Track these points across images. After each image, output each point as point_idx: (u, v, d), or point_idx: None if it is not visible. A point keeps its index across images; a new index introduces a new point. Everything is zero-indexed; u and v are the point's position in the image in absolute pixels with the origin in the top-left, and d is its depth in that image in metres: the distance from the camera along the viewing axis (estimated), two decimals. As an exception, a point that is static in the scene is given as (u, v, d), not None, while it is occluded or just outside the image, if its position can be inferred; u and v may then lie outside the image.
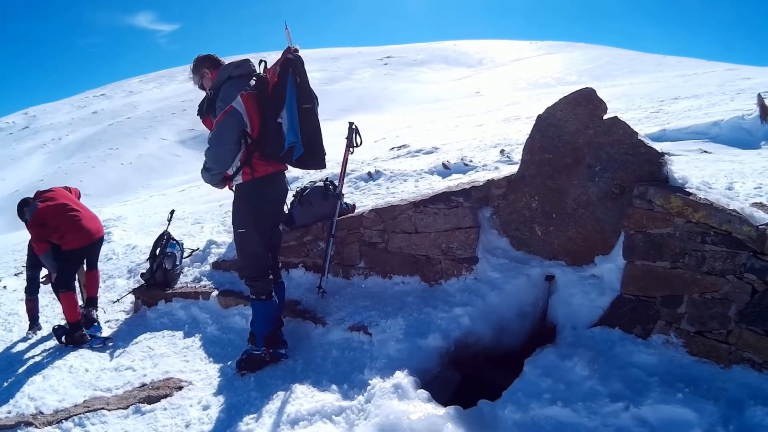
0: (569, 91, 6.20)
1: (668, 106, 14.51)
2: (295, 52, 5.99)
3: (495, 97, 45.56)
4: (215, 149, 5.84)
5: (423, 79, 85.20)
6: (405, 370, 5.26)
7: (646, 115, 12.60)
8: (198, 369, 6.80)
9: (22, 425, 6.12)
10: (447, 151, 11.96)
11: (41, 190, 9.06)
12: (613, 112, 5.84)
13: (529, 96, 35.54)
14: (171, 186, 43.05)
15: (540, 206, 6.27)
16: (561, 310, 6.03)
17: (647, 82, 29.87)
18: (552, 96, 27.34)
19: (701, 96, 17.39)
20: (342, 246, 7.71)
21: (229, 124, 5.80)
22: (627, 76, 52.29)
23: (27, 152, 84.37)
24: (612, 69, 64.36)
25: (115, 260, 12.38)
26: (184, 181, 45.16)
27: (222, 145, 5.83)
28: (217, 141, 5.81)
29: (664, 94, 19.46)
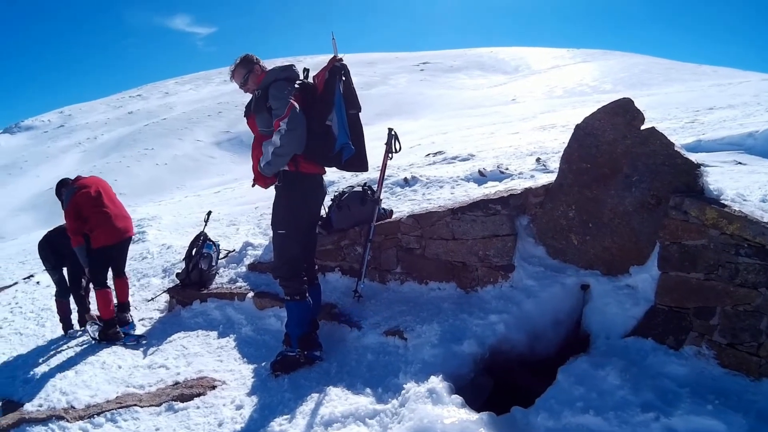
0: (605, 99, 6.19)
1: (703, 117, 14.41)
2: (340, 60, 6.15)
3: (531, 105, 45.30)
4: (296, 131, 5.95)
5: (459, 85, 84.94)
6: (440, 375, 5.26)
7: (682, 125, 12.52)
8: (232, 369, 6.84)
9: (53, 419, 6.17)
10: (483, 159, 11.93)
11: (81, 176, 9.17)
12: (649, 122, 5.83)
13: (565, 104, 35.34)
14: (206, 187, 43.22)
15: (577, 215, 6.25)
16: (595, 319, 5.99)
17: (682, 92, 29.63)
18: (587, 104, 27.19)
19: (736, 106, 17.24)
20: (379, 251, 7.72)
21: (297, 112, 5.96)
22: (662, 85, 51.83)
23: (62, 150, 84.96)
24: (647, 78, 63.80)
25: (149, 259, 12.46)
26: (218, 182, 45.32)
27: (298, 127, 5.95)
28: (294, 124, 5.92)
29: (700, 103, 19.32)
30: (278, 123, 5.96)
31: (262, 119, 6.29)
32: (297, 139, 5.97)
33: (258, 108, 6.30)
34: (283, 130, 5.90)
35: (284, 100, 5.98)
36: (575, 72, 77.47)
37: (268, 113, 6.18)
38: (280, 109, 5.99)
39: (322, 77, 6.22)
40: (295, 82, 6.26)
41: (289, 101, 5.95)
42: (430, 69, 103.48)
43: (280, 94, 6.05)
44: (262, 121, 6.30)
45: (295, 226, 6.36)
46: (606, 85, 62.63)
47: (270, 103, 6.12)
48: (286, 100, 5.97)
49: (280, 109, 5.99)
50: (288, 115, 5.90)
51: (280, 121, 5.94)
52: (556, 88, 65.55)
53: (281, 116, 5.94)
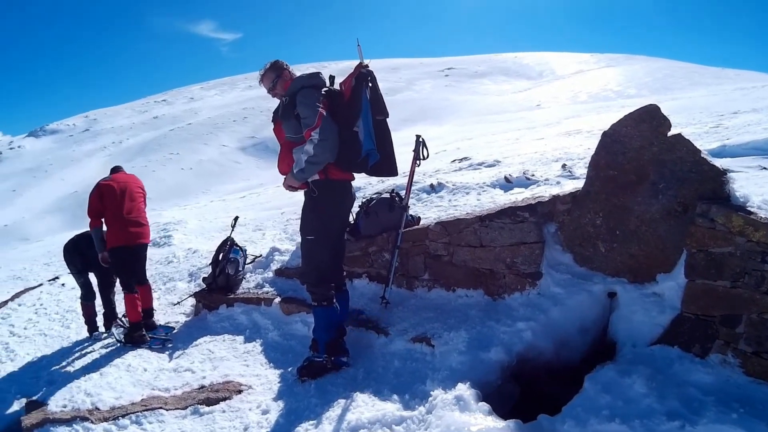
0: (629, 104, 6.17)
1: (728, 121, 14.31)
2: (366, 67, 6.16)
3: (555, 110, 45.20)
4: (329, 140, 6.01)
5: (483, 91, 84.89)
6: (467, 383, 5.25)
7: (706, 130, 12.44)
8: (258, 373, 6.84)
9: (77, 419, 6.23)
10: (509, 165, 11.91)
11: (121, 169, 9.42)
12: (673, 127, 5.82)
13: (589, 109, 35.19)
14: (231, 192, 43.37)
15: (604, 223, 6.22)
16: (621, 327, 5.96)
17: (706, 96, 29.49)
18: (612, 109, 27.10)
19: (761, 110, 17.11)
20: (407, 257, 7.71)
21: (329, 121, 6.03)
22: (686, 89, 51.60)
23: (87, 154, 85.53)
24: (671, 82, 63.58)
25: (175, 263, 12.52)
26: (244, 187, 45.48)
27: (330, 137, 6.01)
28: (326, 134, 5.98)
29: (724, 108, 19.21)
30: (309, 132, 6.00)
31: (289, 126, 6.34)
32: (330, 148, 6.02)
33: (285, 115, 6.35)
34: (316, 140, 5.94)
35: (313, 109, 6.02)
36: (599, 77, 77.30)
37: (295, 120, 6.22)
38: (309, 118, 6.03)
39: (349, 84, 6.24)
40: (322, 89, 6.28)
41: (318, 110, 5.98)
42: (454, 74, 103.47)
43: (308, 102, 6.09)
44: (289, 127, 6.35)
45: (323, 232, 6.39)
46: (630, 89, 62.44)
47: (298, 111, 6.16)
48: (315, 108, 6.00)
49: (309, 118, 6.03)
50: (319, 125, 5.93)
51: (311, 131, 5.98)
52: (580, 93, 65.43)
53: (312, 126, 5.98)
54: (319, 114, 5.96)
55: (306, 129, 6.07)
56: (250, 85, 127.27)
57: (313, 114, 5.99)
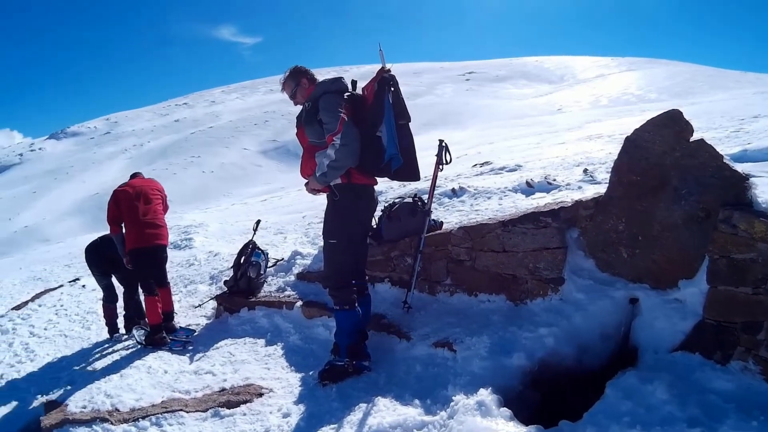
0: (649, 108, 6.15)
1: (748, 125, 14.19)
2: (388, 72, 6.18)
3: (576, 114, 45.11)
4: (350, 146, 6.03)
5: (505, 95, 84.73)
6: (489, 388, 5.23)
7: (727, 134, 12.35)
8: (279, 377, 6.84)
9: (97, 420, 6.27)
10: (530, 169, 11.88)
11: (139, 175, 9.53)
12: (694, 132, 5.79)
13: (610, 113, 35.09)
14: (252, 195, 43.44)
15: (626, 228, 6.18)
16: (643, 334, 5.94)
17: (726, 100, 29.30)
18: (633, 113, 27.00)
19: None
20: (429, 262, 7.67)
21: (351, 127, 6.07)
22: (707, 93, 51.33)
23: (108, 157, 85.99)
24: (691, 86, 63.26)
25: (197, 266, 12.57)
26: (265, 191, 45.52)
27: (351, 142, 6.03)
28: (347, 139, 6.01)
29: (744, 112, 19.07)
30: (331, 138, 6.03)
31: (312, 131, 6.36)
32: (351, 153, 6.04)
33: (308, 120, 6.38)
34: (338, 145, 5.97)
35: (335, 114, 6.05)
36: (620, 81, 77.07)
37: (318, 125, 6.24)
38: (331, 124, 6.05)
39: (371, 88, 6.26)
40: (345, 94, 6.33)
41: (340, 115, 6.02)
42: (475, 79, 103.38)
43: (330, 107, 6.12)
44: (312, 132, 6.37)
45: (346, 236, 6.40)
46: (651, 93, 62.24)
47: (320, 116, 6.18)
48: (337, 114, 6.04)
49: (331, 124, 6.05)
50: (341, 131, 5.97)
51: (333, 137, 6.01)
52: (601, 98, 65.27)
53: (334, 131, 6.01)
54: (341, 119, 6.00)
55: (328, 134, 6.08)
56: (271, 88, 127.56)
57: (335, 119, 6.02)
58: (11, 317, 12.01)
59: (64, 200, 63.95)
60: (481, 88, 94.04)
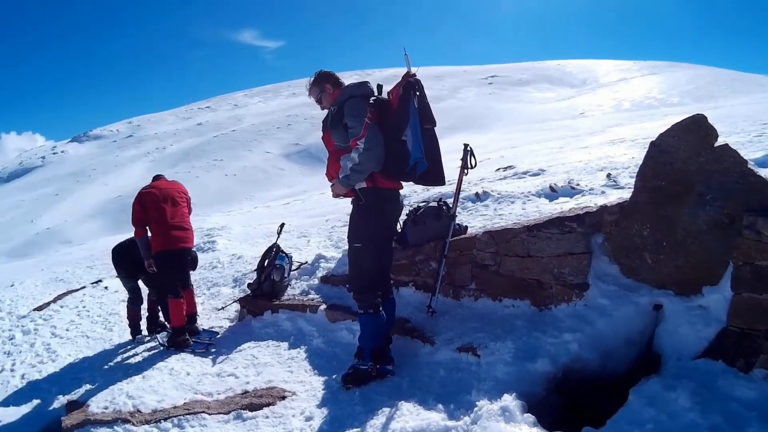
0: (671, 112, 6.13)
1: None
2: (413, 76, 6.18)
3: (599, 118, 44.99)
4: (373, 150, 6.04)
5: (527, 99, 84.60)
6: (513, 394, 5.20)
7: (750, 139, 12.24)
8: (302, 380, 6.82)
9: (119, 421, 6.28)
10: (553, 174, 11.85)
11: (162, 176, 9.58)
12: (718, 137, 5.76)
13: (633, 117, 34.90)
14: (275, 198, 43.60)
15: (651, 234, 6.15)
16: (667, 340, 5.90)
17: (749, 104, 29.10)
18: (655, 118, 26.88)
19: (805, 118, 16.93)
20: (453, 267, 7.65)
21: (376, 131, 6.07)
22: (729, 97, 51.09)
23: (130, 160, 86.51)
24: (714, 90, 63.03)
25: (220, 269, 12.63)
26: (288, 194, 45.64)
27: (375, 146, 6.04)
28: (371, 143, 6.02)
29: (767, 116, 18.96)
30: (355, 142, 6.04)
31: (338, 135, 6.38)
32: (375, 157, 6.05)
33: (334, 124, 6.40)
34: (362, 149, 5.99)
35: (360, 119, 6.06)
36: (642, 84, 76.85)
37: (344, 129, 6.26)
38: (356, 128, 6.08)
39: (397, 93, 6.26)
40: (370, 98, 6.33)
41: (365, 120, 6.03)
42: (498, 82, 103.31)
43: (356, 111, 6.14)
44: (337, 136, 6.39)
45: (370, 239, 6.39)
46: (673, 97, 62.04)
47: (346, 121, 6.21)
48: (362, 118, 6.05)
49: (356, 128, 6.08)
50: (365, 135, 5.98)
51: (357, 141, 6.03)
52: (623, 102, 65.13)
53: (358, 135, 6.03)
54: (366, 123, 6.01)
55: (353, 138, 6.10)
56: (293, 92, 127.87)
57: (360, 124, 6.04)
58: (33, 318, 12.14)
59: (86, 203, 64.35)
60: (503, 91, 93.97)
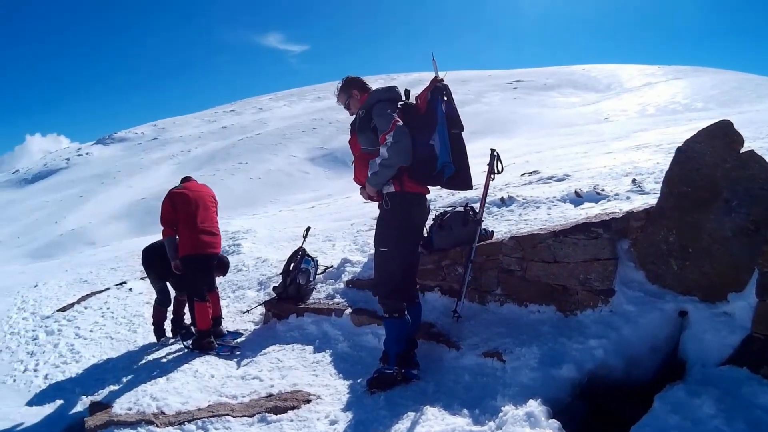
0: (696, 118, 6.12)
1: (798, 135, 14.03)
2: (441, 81, 6.24)
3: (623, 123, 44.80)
4: (401, 143, 6.06)
5: (552, 103, 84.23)
6: (538, 399, 5.21)
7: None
8: (327, 384, 6.84)
9: (142, 423, 6.32)
10: (578, 179, 11.81)
11: (192, 179, 9.56)
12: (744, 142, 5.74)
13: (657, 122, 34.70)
14: (299, 202, 43.59)
15: (677, 240, 6.15)
16: (691, 347, 5.88)
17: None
18: (680, 123, 26.75)
19: (831, 123, 16.83)
20: (479, 272, 7.64)
21: (403, 128, 6.10)
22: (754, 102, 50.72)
23: (155, 162, 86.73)
24: (738, 95, 62.54)
25: (245, 272, 12.67)
26: (313, 197, 45.69)
27: (403, 139, 6.06)
28: (399, 136, 6.05)
29: (793, 121, 18.87)
30: (384, 137, 6.07)
31: (365, 138, 6.43)
32: (403, 150, 6.08)
33: (362, 127, 6.45)
34: (390, 143, 6.02)
35: (388, 117, 6.11)
36: (667, 89, 76.36)
37: (372, 133, 6.31)
38: (384, 125, 6.11)
39: (425, 97, 6.31)
40: (398, 102, 6.39)
41: (393, 117, 6.08)
42: (523, 87, 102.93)
43: (384, 113, 6.18)
44: (365, 139, 6.44)
45: (397, 244, 6.41)
46: (697, 102, 61.66)
47: (374, 123, 6.25)
48: (390, 117, 6.10)
49: (384, 125, 6.11)
50: (393, 129, 6.01)
51: (386, 135, 6.05)
52: (648, 106, 64.74)
53: (386, 130, 6.05)
54: (394, 120, 6.06)
55: (381, 134, 6.15)
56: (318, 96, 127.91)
57: (388, 121, 6.09)
58: (57, 318, 12.27)
59: (110, 204, 64.56)
60: (528, 96, 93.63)
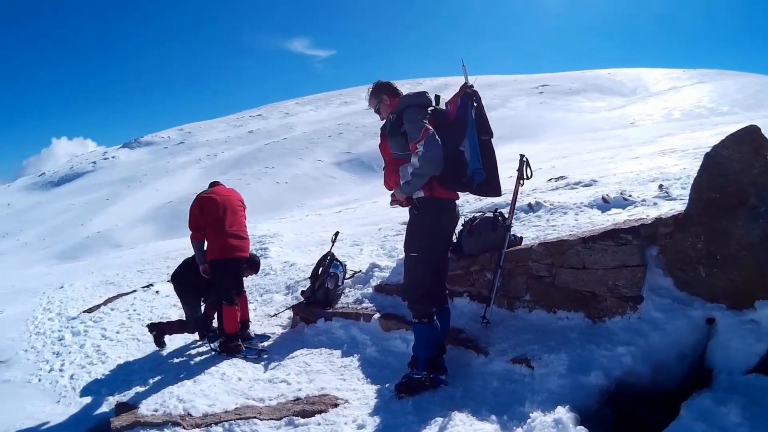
0: (721, 122, 6.10)
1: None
2: (471, 87, 6.26)
3: (649, 128, 44.67)
4: (431, 153, 6.04)
5: (577, 108, 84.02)
6: (566, 406, 5.19)
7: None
8: (355, 388, 6.85)
9: (169, 424, 6.33)
10: (605, 184, 11.82)
11: (220, 183, 9.56)
12: (765, 146, 5.73)
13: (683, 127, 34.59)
14: (326, 207, 43.77)
15: (705, 247, 6.11)
16: (718, 354, 5.83)
17: (799, 112, 28.93)
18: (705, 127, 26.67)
19: None
20: (508, 278, 7.63)
21: (434, 137, 6.08)
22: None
23: (181, 166, 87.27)
24: (764, 98, 62.25)
25: (272, 276, 12.73)
26: (339, 202, 45.83)
27: (435, 149, 6.04)
28: (430, 146, 6.03)
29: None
30: (415, 146, 6.09)
31: (395, 143, 6.47)
32: (435, 160, 6.06)
33: (392, 132, 6.48)
34: (421, 152, 6.02)
35: (419, 124, 6.12)
36: (692, 93, 76.07)
37: (402, 138, 6.34)
38: (415, 133, 6.12)
39: (455, 103, 6.34)
40: (428, 108, 6.40)
41: (424, 125, 6.08)
42: (548, 92, 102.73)
43: (415, 119, 6.20)
44: (395, 144, 6.48)
45: (426, 249, 6.43)
46: (723, 106, 61.43)
47: (405, 128, 6.28)
48: (421, 123, 6.11)
49: (415, 133, 6.12)
50: (424, 138, 6.02)
51: (417, 144, 6.07)
52: (674, 111, 64.53)
53: (418, 139, 6.07)
54: (425, 128, 6.06)
55: (412, 143, 6.16)
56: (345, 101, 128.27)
57: (419, 129, 6.10)
58: (83, 319, 12.35)
59: (136, 207, 65.02)
60: (554, 101, 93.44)
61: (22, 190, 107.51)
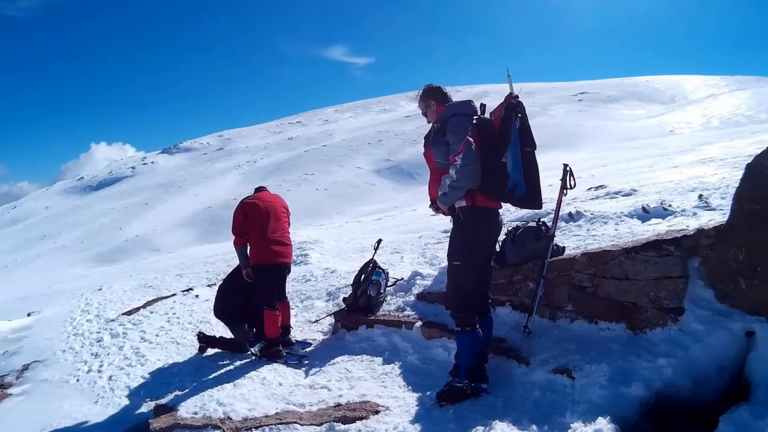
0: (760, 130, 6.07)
1: None
2: (516, 97, 6.26)
3: (688, 136, 44.34)
4: (469, 166, 6.10)
5: (616, 116, 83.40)
6: (607, 417, 5.25)
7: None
8: (396, 395, 6.87)
9: (208, 427, 6.42)
10: (645, 194, 11.80)
11: (264, 189, 9.66)
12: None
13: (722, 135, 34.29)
14: (366, 214, 43.81)
15: (746, 258, 6.07)
16: (757, 367, 5.81)
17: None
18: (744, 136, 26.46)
19: None
20: (551, 287, 7.61)
21: (472, 149, 6.11)
22: (818, 113, 50.19)
23: (221, 172, 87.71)
24: (803, 106, 61.77)
25: (313, 282, 12.78)
26: (378, 209, 45.84)
27: (471, 163, 6.10)
28: (467, 159, 6.09)
29: None
30: (454, 158, 6.15)
31: (439, 151, 6.54)
32: (472, 174, 6.13)
33: (436, 140, 6.55)
34: (459, 165, 6.09)
35: (461, 136, 6.18)
36: (730, 101, 75.22)
37: (446, 146, 6.41)
38: (456, 144, 6.20)
39: (499, 114, 6.35)
40: (473, 117, 6.42)
41: (466, 137, 6.13)
42: (587, 99, 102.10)
43: (458, 129, 6.28)
44: (439, 152, 6.54)
45: (469, 258, 6.49)
46: (761, 114, 60.71)
47: (448, 138, 6.35)
48: (463, 135, 6.16)
49: (456, 144, 6.20)
50: (463, 151, 6.07)
51: (455, 157, 6.13)
52: (712, 119, 63.92)
53: (457, 152, 6.13)
54: (465, 140, 6.11)
55: (452, 155, 6.22)
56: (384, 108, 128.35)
57: (459, 140, 6.16)
58: (122, 322, 12.49)
59: (175, 212, 65.38)
60: (592, 108, 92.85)
61: (61, 193, 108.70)
